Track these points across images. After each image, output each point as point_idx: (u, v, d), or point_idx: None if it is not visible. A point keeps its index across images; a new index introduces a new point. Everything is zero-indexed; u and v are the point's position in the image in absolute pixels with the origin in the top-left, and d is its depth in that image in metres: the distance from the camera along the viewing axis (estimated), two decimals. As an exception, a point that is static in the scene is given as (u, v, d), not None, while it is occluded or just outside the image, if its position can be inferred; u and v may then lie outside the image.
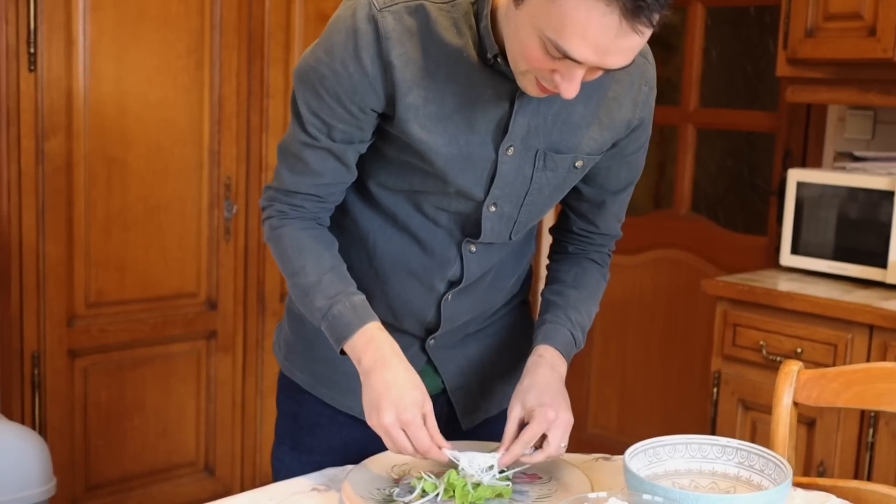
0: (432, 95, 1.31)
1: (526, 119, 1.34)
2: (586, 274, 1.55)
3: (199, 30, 2.86)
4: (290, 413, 1.60)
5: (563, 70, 1.19)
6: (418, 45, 1.30)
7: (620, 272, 3.80)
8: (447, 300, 1.48)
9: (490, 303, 1.55)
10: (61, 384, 2.71)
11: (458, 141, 1.34)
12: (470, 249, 1.45)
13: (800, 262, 2.89)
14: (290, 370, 1.59)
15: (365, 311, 1.37)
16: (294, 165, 1.40)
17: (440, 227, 1.44)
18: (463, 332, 1.55)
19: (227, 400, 3.07)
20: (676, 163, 3.63)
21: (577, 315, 1.49)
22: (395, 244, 1.45)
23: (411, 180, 1.40)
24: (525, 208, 1.43)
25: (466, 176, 1.36)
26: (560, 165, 1.39)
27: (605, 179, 1.49)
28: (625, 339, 3.79)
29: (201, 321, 2.98)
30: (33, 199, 2.61)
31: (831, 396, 1.60)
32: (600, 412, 3.84)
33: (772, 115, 3.36)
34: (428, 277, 1.46)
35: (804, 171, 2.90)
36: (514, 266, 1.56)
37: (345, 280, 1.40)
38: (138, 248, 2.82)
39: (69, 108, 2.64)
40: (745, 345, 2.74)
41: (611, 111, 1.39)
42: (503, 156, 1.35)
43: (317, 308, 1.38)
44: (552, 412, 1.35)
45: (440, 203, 1.41)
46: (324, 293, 1.37)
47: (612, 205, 1.54)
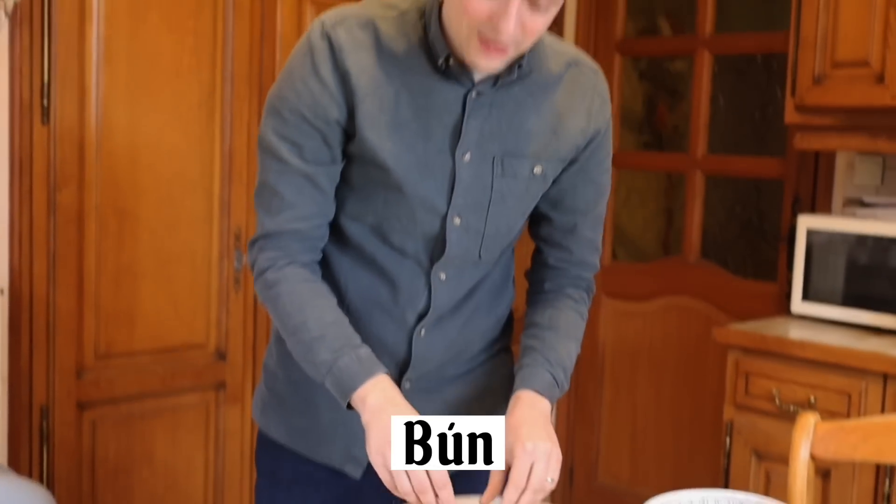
0: (387, 104, 1.35)
1: (478, 122, 1.38)
2: (561, 314, 1.53)
3: (211, 82, 2.88)
4: (268, 471, 1.59)
5: (498, 8, 1.24)
6: (371, 55, 1.35)
7: (629, 319, 3.79)
8: (419, 335, 1.48)
9: (465, 343, 1.54)
10: (69, 437, 2.70)
11: (415, 148, 1.37)
12: (440, 277, 1.45)
13: (811, 310, 2.87)
14: (267, 426, 1.58)
15: (372, 363, 1.36)
16: (271, 204, 1.40)
17: (408, 258, 1.44)
18: (440, 376, 1.54)
19: (235, 451, 3.04)
20: (685, 209, 3.63)
21: (554, 355, 1.47)
22: (365, 281, 1.46)
23: (376, 206, 1.41)
24: (490, 220, 1.44)
25: (427, 184, 1.39)
26: (519, 172, 1.42)
27: (573, 200, 1.50)
28: (635, 387, 3.76)
29: (210, 372, 2.97)
30: (44, 251, 2.61)
31: (849, 450, 1.58)
32: (611, 462, 3.80)
33: (780, 161, 3.36)
34: (398, 311, 1.47)
35: (814, 217, 2.90)
36: (491, 305, 1.55)
37: (349, 333, 1.38)
38: (148, 298, 2.82)
39: (81, 160, 2.65)
40: (757, 394, 2.72)
41: (564, 120, 1.43)
42: (460, 161, 1.38)
43: (321, 362, 1.36)
44: (530, 444, 1.32)
45: (406, 229, 1.42)
46: (328, 347, 1.36)
47: (584, 228, 1.54)
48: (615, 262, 3.89)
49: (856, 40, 2.72)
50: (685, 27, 3.78)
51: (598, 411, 3.85)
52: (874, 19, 2.67)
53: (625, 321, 3.80)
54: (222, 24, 2.89)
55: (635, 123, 4.02)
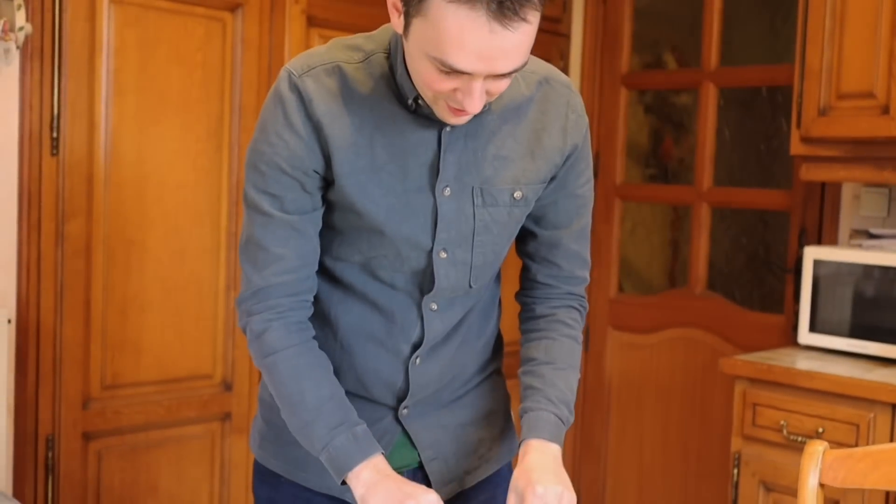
0: (363, 150, 1.35)
1: (455, 156, 1.37)
2: (556, 343, 1.52)
3: (219, 114, 2.90)
4: (265, 498, 1.57)
5: (462, 87, 1.23)
6: (340, 102, 1.34)
7: (636, 351, 3.77)
8: (415, 364, 1.47)
9: (460, 367, 1.54)
10: (75, 467, 2.69)
11: (394, 190, 1.36)
12: (431, 308, 1.45)
13: (818, 341, 2.87)
14: (265, 458, 1.57)
15: (368, 443, 1.36)
16: (256, 259, 1.39)
17: (398, 291, 1.44)
18: (437, 402, 1.53)
19: (240, 482, 3.03)
20: (691, 241, 3.63)
21: (556, 392, 1.46)
22: (356, 314, 1.46)
23: (361, 247, 1.41)
24: (477, 250, 1.43)
25: (410, 224, 1.38)
26: (499, 199, 1.41)
27: (555, 216, 1.50)
28: (641, 419, 3.74)
29: (216, 403, 2.97)
30: (52, 282, 2.62)
31: (858, 478, 1.57)
32: (618, 495, 3.77)
33: (786, 193, 3.37)
34: (392, 343, 1.46)
35: (821, 248, 2.90)
36: (482, 327, 1.55)
37: (345, 408, 1.39)
38: (155, 329, 2.82)
39: (90, 192, 2.67)
40: (765, 424, 2.70)
41: (541, 141, 1.43)
42: (441, 197, 1.38)
43: (317, 438, 1.36)
44: (541, 487, 1.32)
45: (393, 265, 1.41)
46: (325, 423, 1.36)
47: (569, 242, 1.53)
48: (621, 295, 3.89)
49: (861, 72, 2.74)
50: (691, 61, 3.81)
51: (604, 444, 3.83)
52: (879, 51, 2.69)
53: (631, 353, 3.79)
54: (230, 56, 2.92)
55: (641, 156, 4.03)
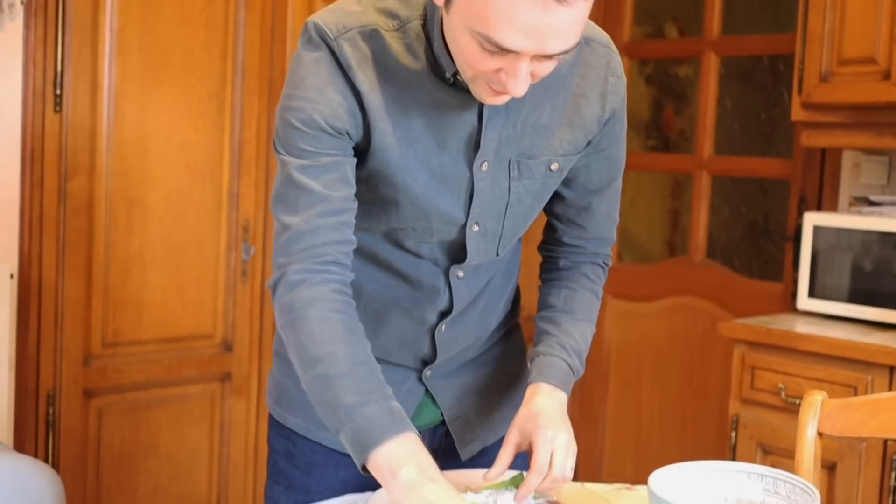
0: (398, 120, 1.28)
1: (496, 131, 1.31)
2: (577, 295, 1.50)
3: (222, 75, 2.90)
4: (283, 451, 1.53)
5: (506, 67, 1.14)
6: (378, 71, 1.27)
7: (635, 320, 3.79)
8: (441, 331, 1.45)
9: (485, 327, 1.52)
10: (75, 424, 2.71)
11: (430, 163, 1.31)
12: (458, 275, 1.41)
13: (817, 306, 2.88)
14: (283, 416, 1.52)
15: (403, 420, 1.21)
16: (297, 202, 1.27)
17: (424, 259, 1.40)
18: (459, 361, 1.51)
19: (240, 444, 3.05)
20: (691, 210, 3.64)
21: (571, 342, 1.45)
22: (380, 283, 1.41)
23: (388, 219, 1.36)
24: (508, 221, 1.39)
25: (444, 198, 1.33)
26: (536, 172, 1.36)
27: (586, 179, 1.45)
28: (640, 387, 3.76)
29: (216, 363, 2.98)
30: (54, 238, 2.63)
31: (857, 426, 1.58)
32: (615, 461, 3.80)
33: (786, 161, 3.37)
34: (418, 311, 1.42)
35: (821, 214, 2.90)
36: (504, 285, 1.53)
37: (381, 380, 1.24)
38: (156, 288, 2.83)
39: (92, 150, 2.67)
40: (763, 388, 2.72)
41: (580, 109, 1.36)
42: (478, 172, 1.32)
43: (343, 404, 1.20)
44: (550, 432, 1.32)
45: (422, 237, 1.37)
46: (355, 388, 1.20)
47: (599, 205, 1.48)
48: (621, 264, 3.90)
49: (862, 37, 2.74)
50: (692, 32, 3.80)
51: (602, 410, 3.85)
52: (881, 16, 2.68)
53: (630, 322, 3.80)
54: (234, 17, 2.91)
55: (642, 127, 4.03)
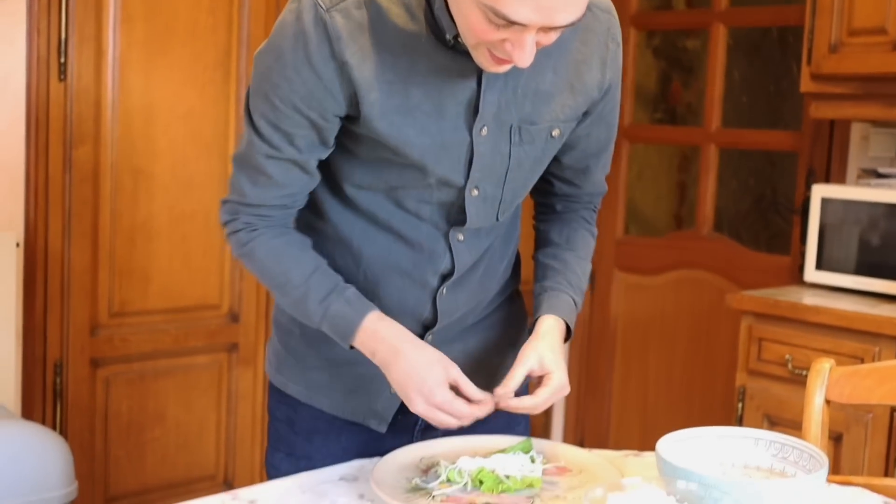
0: (396, 88, 1.26)
1: (495, 96, 1.30)
2: (577, 234, 1.55)
3: (227, 43, 2.89)
4: (284, 418, 1.54)
5: (512, 38, 1.14)
6: (372, 38, 1.24)
7: (642, 292, 3.78)
8: (442, 294, 1.44)
9: (486, 291, 1.52)
10: (83, 393, 2.71)
11: (429, 130, 1.29)
12: (458, 238, 1.41)
13: (824, 278, 2.87)
14: (284, 383, 1.53)
15: (360, 304, 1.36)
16: (256, 178, 1.35)
17: (424, 221, 1.39)
18: (461, 326, 1.51)
19: (247, 414, 3.05)
20: (698, 183, 3.62)
21: (575, 279, 1.49)
22: (380, 245, 1.41)
23: (387, 177, 1.36)
24: (508, 186, 1.39)
25: (444, 164, 1.33)
26: (537, 137, 1.36)
27: (587, 146, 1.47)
28: (646, 359, 3.76)
29: (223, 333, 2.98)
30: (60, 207, 2.62)
31: (864, 393, 1.58)
32: (622, 433, 3.80)
33: (794, 134, 3.35)
34: (419, 274, 1.42)
35: (829, 186, 2.89)
36: (504, 249, 1.53)
37: (331, 277, 1.38)
38: (162, 258, 2.83)
39: (97, 118, 2.66)
40: (770, 359, 2.71)
41: (581, 75, 1.36)
42: (478, 137, 1.31)
43: (313, 313, 1.36)
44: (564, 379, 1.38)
45: (421, 196, 1.37)
46: (315, 297, 1.35)
47: (596, 166, 1.52)
48: (627, 237, 3.89)
49: (872, 8, 2.71)
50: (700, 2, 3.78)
51: (609, 383, 3.85)
52: (892, -14, 2.66)
53: (637, 294, 3.80)
54: (239, -14, 2.90)
55: (649, 100, 4.01)
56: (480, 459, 1.36)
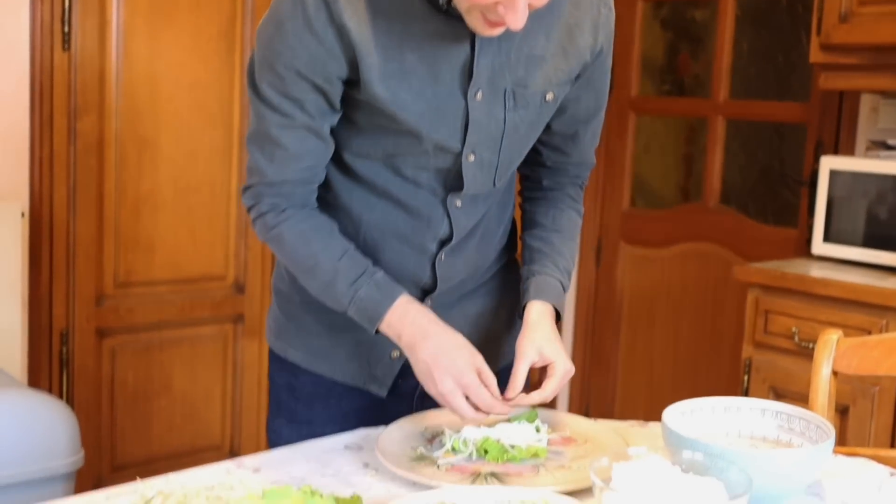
0: (391, 53, 1.28)
1: (489, 59, 1.31)
2: (563, 214, 1.55)
3: (231, 13, 2.87)
4: (284, 385, 1.57)
5: (504, 0, 1.16)
6: (367, 3, 1.26)
7: (648, 265, 3.77)
8: (440, 260, 1.46)
9: (483, 257, 1.54)
10: (89, 363, 2.72)
11: (424, 94, 1.31)
12: (456, 204, 1.43)
13: (832, 251, 2.85)
14: (284, 349, 1.56)
15: (390, 287, 1.37)
16: (273, 154, 1.35)
17: (422, 188, 1.41)
18: (459, 292, 1.53)
19: (253, 384, 3.06)
20: (706, 155, 3.60)
21: (563, 261, 1.50)
22: (379, 212, 1.43)
23: (385, 144, 1.37)
24: (504, 151, 1.41)
25: (440, 129, 1.34)
26: (531, 101, 1.37)
27: (575, 110, 1.47)
28: (652, 331, 3.76)
29: (229, 304, 2.98)
30: (65, 177, 2.62)
31: (872, 365, 1.57)
32: (627, 405, 3.81)
33: (803, 105, 3.33)
34: (418, 239, 1.44)
35: (837, 158, 2.87)
36: (501, 215, 1.55)
37: (360, 261, 1.39)
38: (167, 229, 2.82)
39: (101, 88, 2.65)
40: (776, 332, 2.71)
41: (573, 38, 1.37)
42: (472, 101, 1.33)
43: (341, 296, 1.37)
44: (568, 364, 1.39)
45: (418, 163, 1.38)
46: (345, 280, 1.36)
47: (584, 134, 1.52)
48: (634, 209, 3.87)
49: (884, -23, 2.68)
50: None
51: (615, 355, 3.85)
52: (904, -46, 2.63)
53: (643, 267, 3.79)
54: (243, -46, 2.87)
55: (656, 71, 3.97)
56: (485, 429, 1.36)
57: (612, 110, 3.78)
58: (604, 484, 1.08)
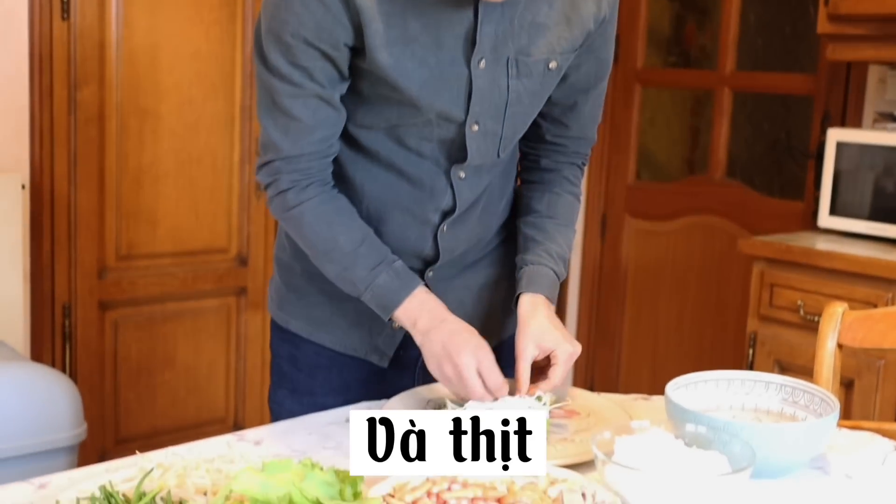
0: (394, 20, 1.27)
1: (492, 27, 1.31)
2: (560, 200, 1.53)
3: (233, -19, 2.84)
4: (286, 355, 1.57)
5: None
6: None
7: (653, 238, 3.76)
8: (443, 231, 1.46)
9: (486, 228, 1.53)
10: (92, 336, 2.71)
11: (427, 62, 1.30)
12: (459, 176, 1.42)
13: (838, 224, 2.84)
14: (286, 320, 1.55)
15: (409, 277, 1.37)
16: (287, 126, 1.34)
17: (425, 159, 1.40)
18: (461, 263, 1.53)
19: (256, 357, 3.06)
20: (712, 127, 3.57)
21: (557, 248, 1.48)
22: (382, 182, 1.43)
23: (388, 115, 1.36)
24: (508, 121, 1.40)
25: (443, 97, 1.33)
26: (534, 70, 1.36)
27: (576, 78, 1.45)
28: (657, 304, 3.75)
29: (231, 277, 2.98)
30: (65, 149, 2.60)
31: (877, 337, 1.56)
32: (631, 378, 3.81)
33: (810, 77, 3.29)
34: (421, 211, 1.44)
35: (844, 130, 2.84)
36: (503, 186, 1.54)
37: (380, 248, 1.39)
38: (169, 201, 2.81)
39: (102, 58, 2.63)
40: (782, 305, 2.69)
41: (577, 6, 1.37)
42: (476, 69, 1.32)
43: (359, 280, 1.37)
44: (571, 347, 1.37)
45: (422, 133, 1.38)
46: (364, 265, 1.36)
47: (585, 105, 1.50)
48: (639, 182, 3.85)
49: (894, -55, 2.64)
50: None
51: (619, 329, 3.84)
52: (914, -78, 2.59)
53: (648, 240, 3.77)
54: (244, -78, 2.84)
55: (662, 43, 3.94)
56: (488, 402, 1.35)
57: (617, 82, 3.75)
58: (606, 457, 1.07)
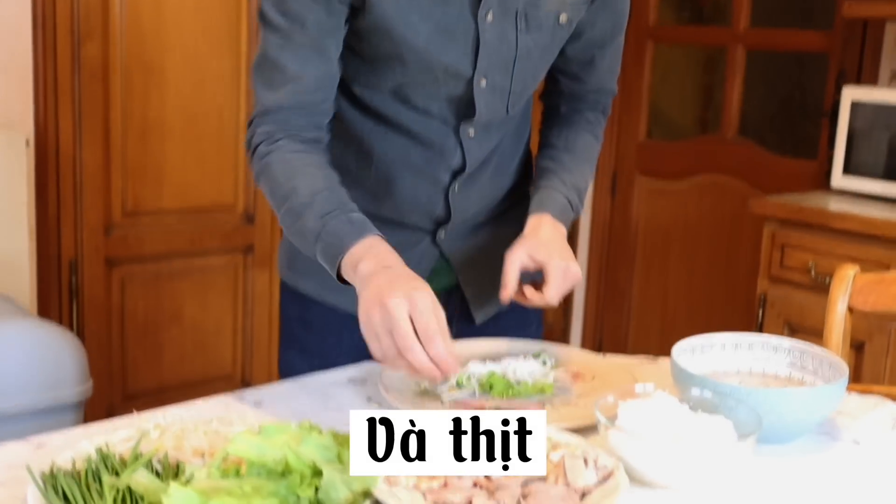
0: None
1: None
2: (578, 136, 1.50)
3: (238, -66, 2.79)
4: (296, 316, 1.54)
5: None
6: None
7: (664, 197, 3.72)
8: (454, 191, 1.43)
9: (498, 188, 1.51)
10: (98, 292, 2.71)
11: (433, 15, 1.27)
12: (468, 134, 1.39)
13: (851, 184, 2.80)
14: (296, 281, 1.52)
15: (364, 226, 1.23)
16: (272, 78, 1.27)
17: (433, 118, 1.37)
18: (473, 223, 1.51)
19: (263, 315, 3.06)
20: (724, 85, 3.52)
21: (570, 177, 1.45)
22: (391, 143, 1.39)
23: (393, 74, 1.33)
24: (517, 76, 1.37)
25: (449, 51, 1.30)
26: (544, 23, 1.33)
27: (591, 33, 1.43)
28: (667, 264, 3.72)
29: (238, 235, 2.96)
30: (69, 106, 2.58)
31: (889, 301, 1.54)
32: (640, 339, 3.79)
33: (826, 34, 3.24)
34: (431, 170, 1.41)
35: (860, 88, 2.80)
36: (515, 145, 1.51)
37: (342, 199, 1.25)
38: (175, 157, 2.79)
39: (105, 13, 2.59)
40: (793, 266, 2.67)
41: None
42: (483, 23, 1.29)
43: (309, 229, 1.23)
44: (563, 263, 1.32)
45: (429, 92, 1.34)
46: (317, 213, 1.22)
47: (602, 59, 1.48)
48: (650, 140, 3.81)
49: None
50: None
51: (628, 289, 3.83)
52: None
53: (659, 199, 3.74)
54: None
55: (675, -2, 3.88)
56: (491, 364, 1.34)
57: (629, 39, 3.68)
58: (609, 422, 1.06)
